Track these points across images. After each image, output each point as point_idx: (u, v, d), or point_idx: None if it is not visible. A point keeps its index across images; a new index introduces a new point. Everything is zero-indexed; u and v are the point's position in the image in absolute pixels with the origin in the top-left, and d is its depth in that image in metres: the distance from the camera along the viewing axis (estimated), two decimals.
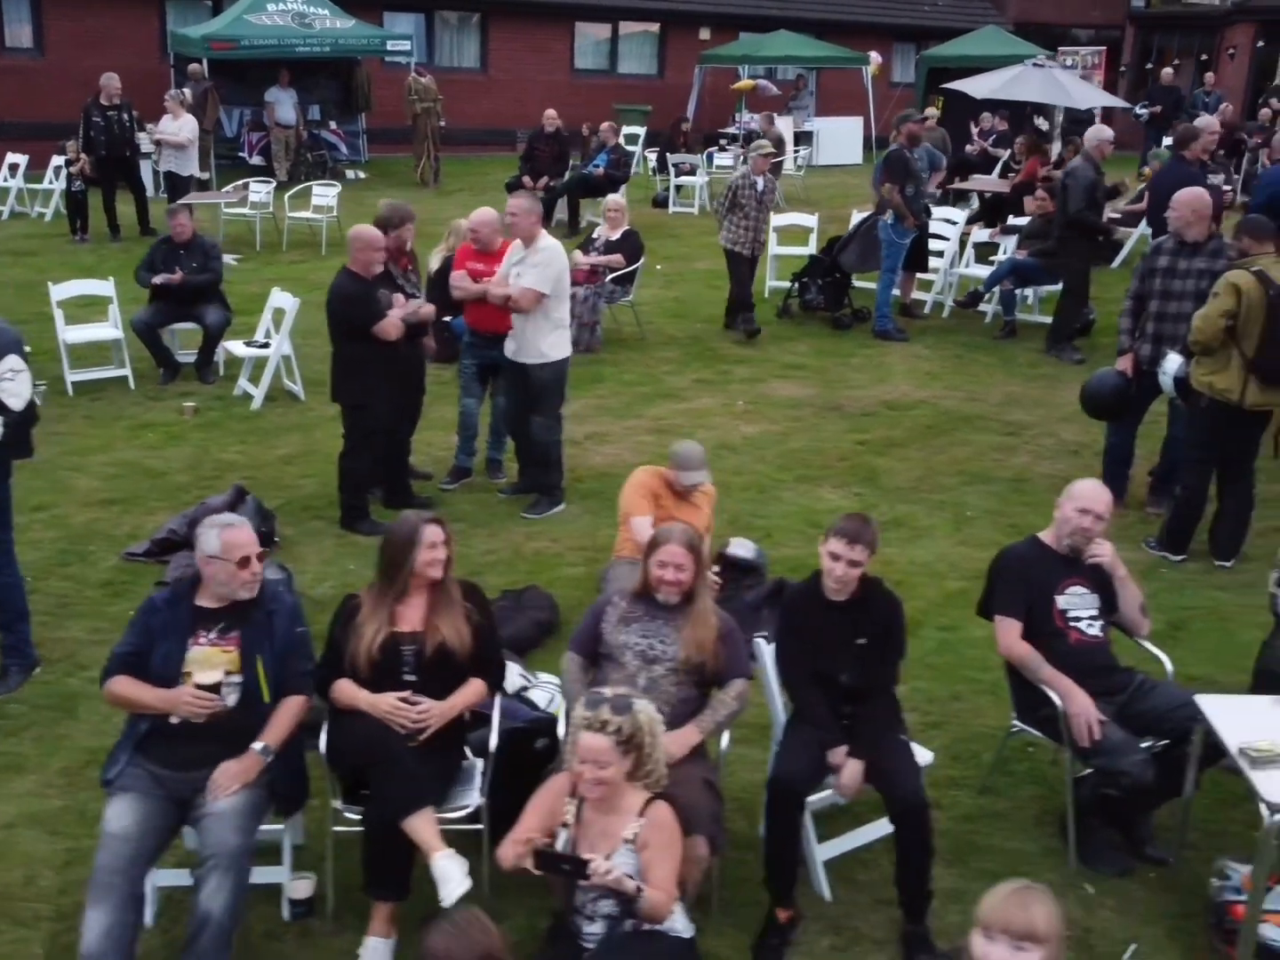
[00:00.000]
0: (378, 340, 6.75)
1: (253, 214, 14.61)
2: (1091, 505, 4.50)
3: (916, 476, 7.97)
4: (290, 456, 8.20)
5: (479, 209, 7.69)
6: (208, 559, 4.01)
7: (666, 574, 4.16)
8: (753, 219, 10.77)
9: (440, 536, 4.16)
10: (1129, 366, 7.23)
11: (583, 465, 8.10)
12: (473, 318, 7.56)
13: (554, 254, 6.98)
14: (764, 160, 10.86)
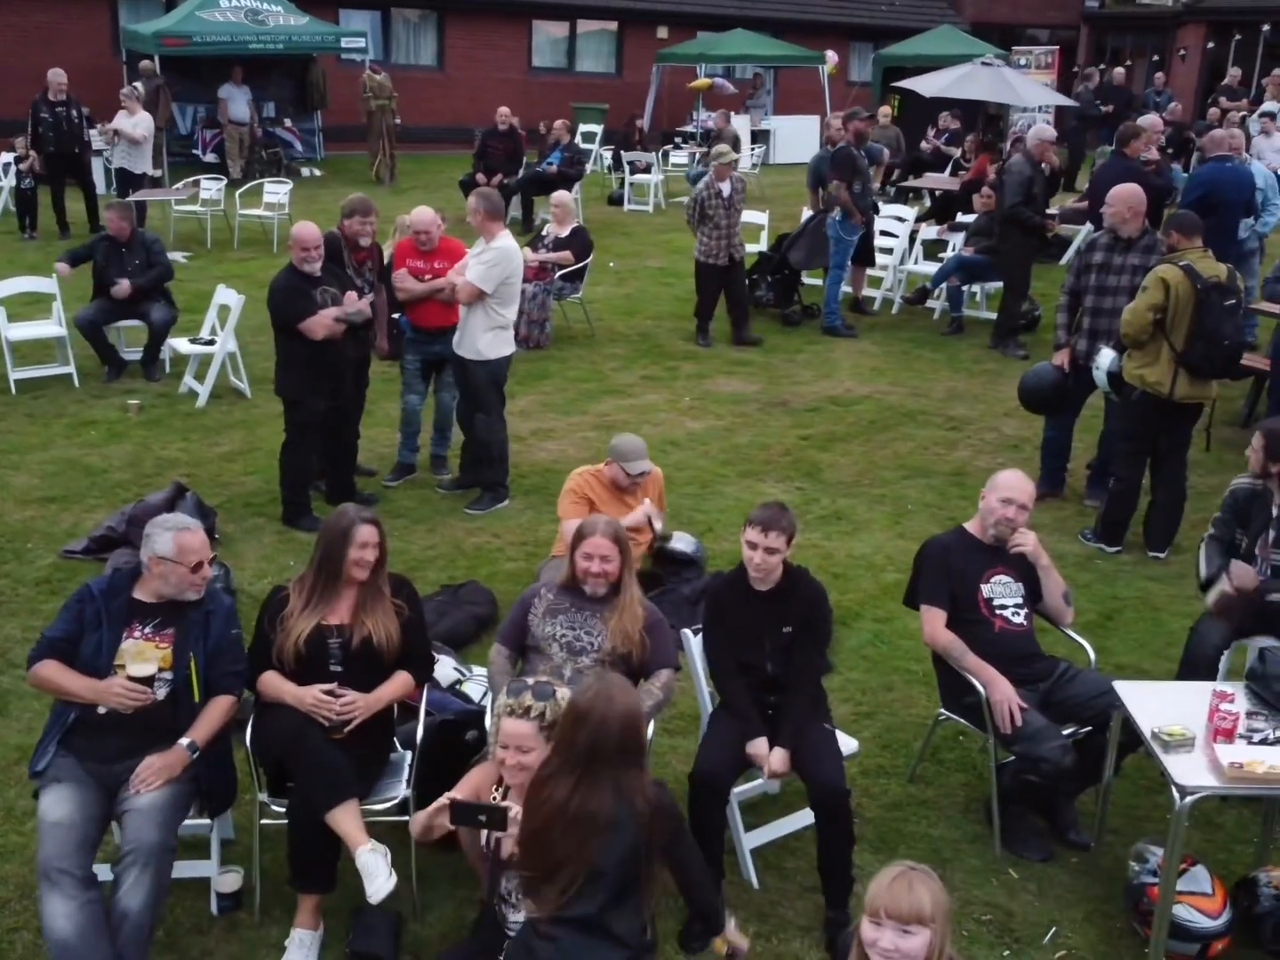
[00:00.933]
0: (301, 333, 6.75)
1: (204, 211, 14.52)
2: (1014, 495, 4.57)
3: (858, 471, 8.03)
4: (233, 453, 8.16)
5: (418, 208, 7.68)
6: (158, 559, 3.97)
7: (592, 565, 4.19)
8: (724, 228, 10.47)
9: (373, 538, 4.15)
10: (1065, 361, 7.32)
11: (526, 461, 8.11)
12: (415, 314, 7.57)
13: (503, 255, 6.99)
14: (726, 168, 10.56)
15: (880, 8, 28.13)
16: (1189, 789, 3.63)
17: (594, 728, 3.27)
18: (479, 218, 7.07)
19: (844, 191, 10.62)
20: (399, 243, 7.85)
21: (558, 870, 3.22)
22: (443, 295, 7.39)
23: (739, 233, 10.67)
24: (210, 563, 4.07)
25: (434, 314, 7.47)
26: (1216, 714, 3.81)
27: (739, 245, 10.66)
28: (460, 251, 7.52)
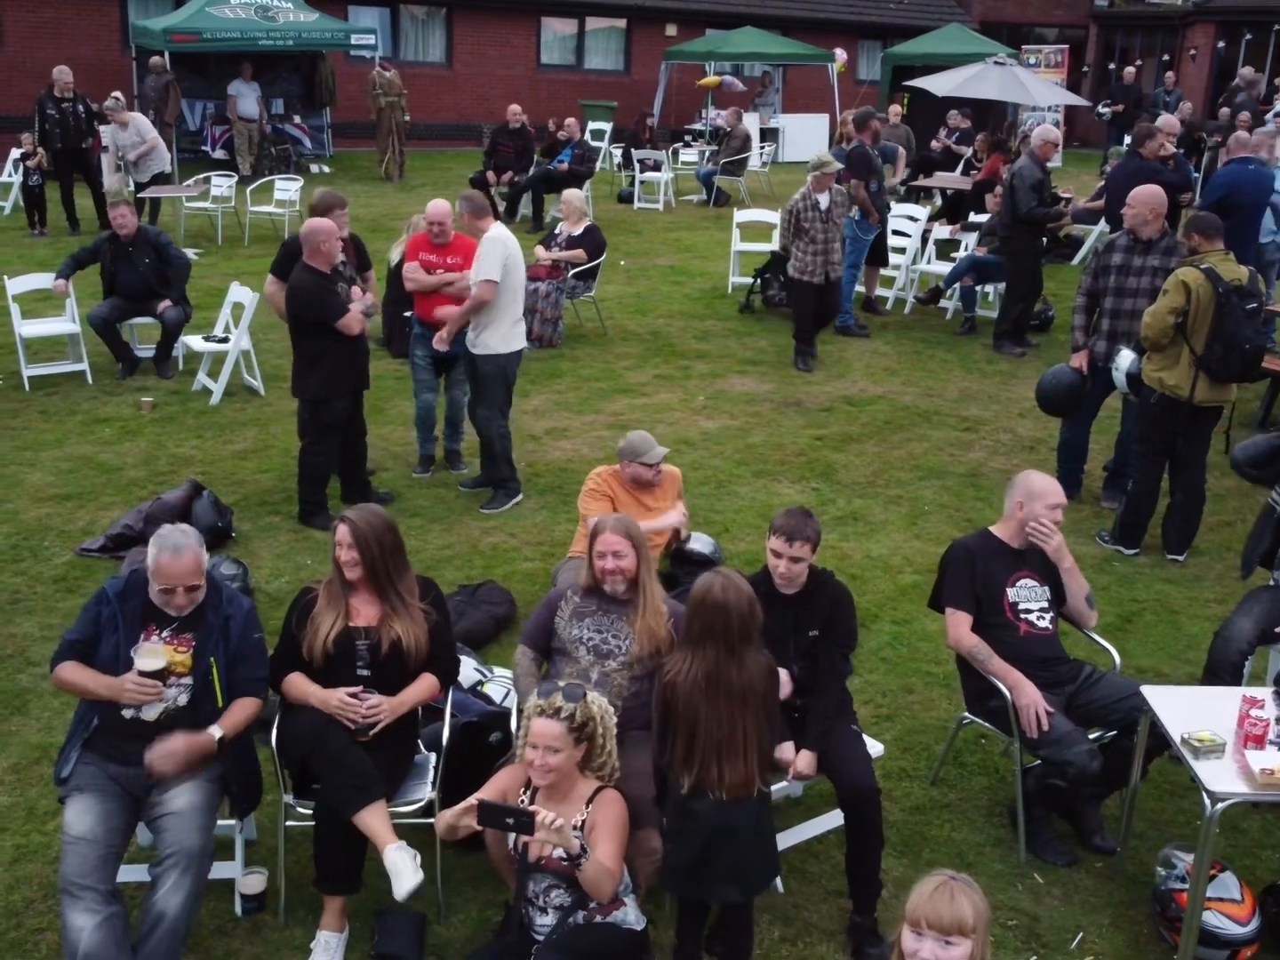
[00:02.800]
0: (337, 333, 6.74)
1: (214, 208, 14.50)
2: (1055, 498, 4.58)
3: (873, 471, 8.01)
4: (247, 451, 8.15)
5: (433, 201, 7.67)
6: (149, 572, 3.97)
7: (607, 563, 4.19)
8: (820, 243, 9.80)
9: (345, 538, 4.09)
10: (1084, 363, 7.30)
11: (541, 460, 8.09)
12: (423, 309, 7.56)
13: (496, 243, 7.00)
14: (825, 179, 9.80)
15: (889, 6, 28.08)
16: (1220, 795, 3.62)
17: (734, 612, 3.63)
18: (466, 219, 7.14)
19: (861, 190, 10.61)
20: (413, 237, 7.83)
21: (709, 742, 3.58)
22: (452, 289, 7.38)
23: (838, 249, 10.06)
24: (194, 591, 3.95)
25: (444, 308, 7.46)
26: (1247, 720, 3.80)
27: (837, 263, 10.06)
28: (472, 248, 7.51)
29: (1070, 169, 21.85)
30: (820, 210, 9.78)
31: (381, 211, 16.70)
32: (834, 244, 9.90)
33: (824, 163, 9.84)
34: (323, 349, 6.77)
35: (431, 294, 7.45)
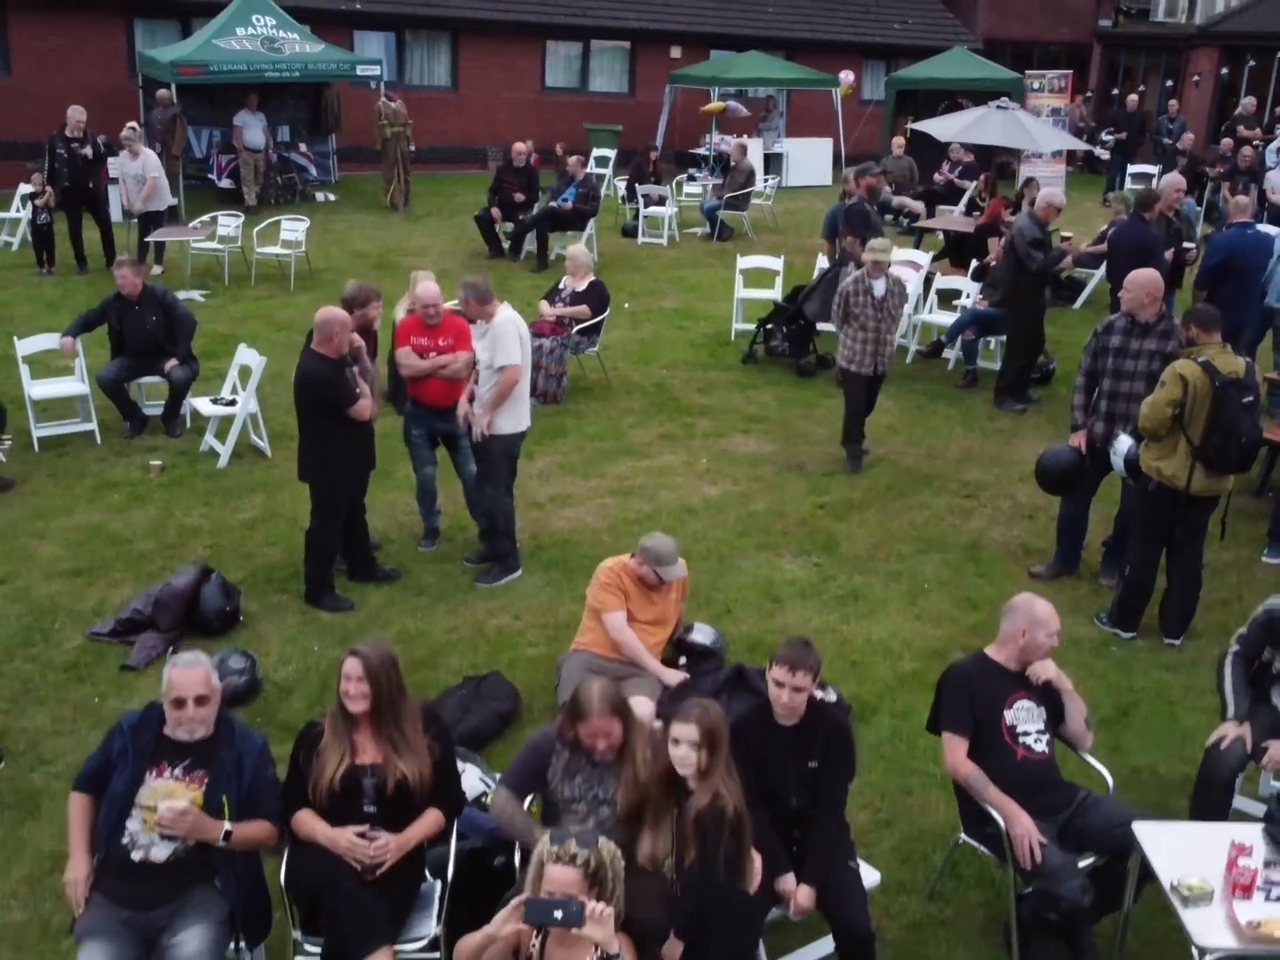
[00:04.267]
0: (346, 417, 6.83)
1: (220, 248, 14.58)
2: (1056, 625, 4.65)
3: (874, 543, 8.09)
4: (254, 521, 8.24)
5: (423, 283, 7.75)
6: (163, 692, 4.09)
7: (597, 744, 4.20)
8: (871, 330, 9.08)
9: (356, 671, 4.17)
10: (1082, 443, 7.37)
11: (545, 530, 8.17)
12: (417, 391, 7.63)
13: (511, 326, 7.09)
14: (882, 266, 9.15)
15: (893, 26, 28.15)
16: (1208, 949, 3.70)
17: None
18: (471, 306, 7.21)
19: (858, 247, 10.67)
20: (403, 321, 7.87)
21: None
22: (446, 372, 7.46)
23: (891, 341, 9.31)
24: (202, 701, 4.06)
25: (437, 391, 7.54)
26: (1234, 867, 3.88)
27: (887, 356, 9.30)
28: (464, 329, 7.59)
29: (1072, 194, 21.89)
30: (874, 297, 9.09)
31: (387, 245, 16.80)
32: (887, 334, 9.19)
33: (879, 249, 9.23)
34: (331, 430, 6.87)
35: (426, 377, 7.52)
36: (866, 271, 9.20)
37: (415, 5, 23.09)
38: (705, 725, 4.05)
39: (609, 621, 5.99)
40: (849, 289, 9.20)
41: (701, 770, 4.06)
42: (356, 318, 7.33)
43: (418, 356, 7.56)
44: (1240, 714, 4.97)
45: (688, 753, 4.05)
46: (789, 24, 26.85)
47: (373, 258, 15.95)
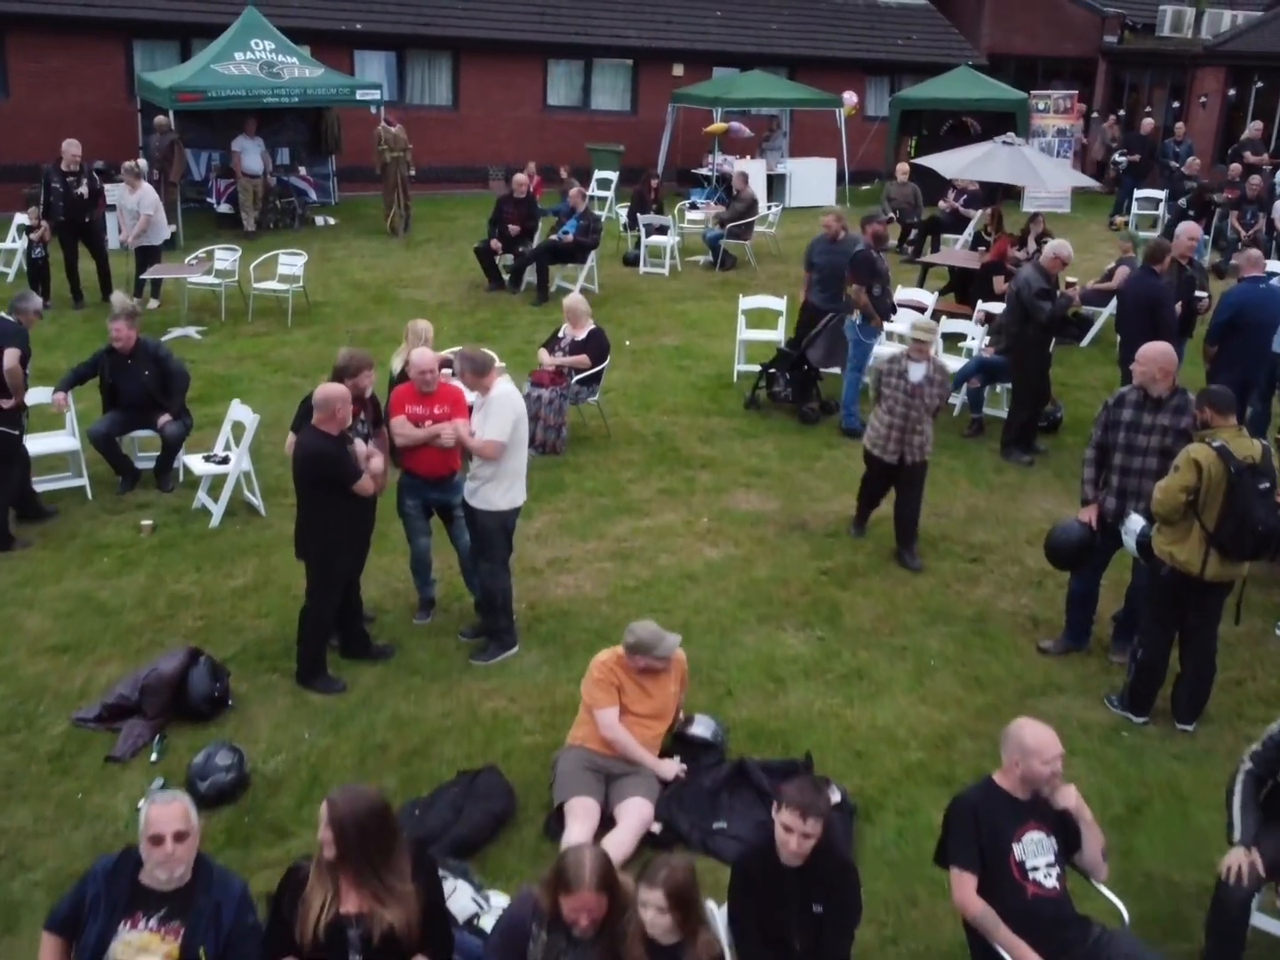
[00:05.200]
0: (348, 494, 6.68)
1: (218, 283, 14.41)
2: (1052, 751, 4.48)
3: (878, 614, 7.91)
4: (246, 588, 8.07)
5: (417, 350, 7.59)
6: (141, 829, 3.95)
7: (580, 919, 3.97)
8: (899, 416, 8.22)
9: (324, 817, 4.01)
10: (1093, 518, 7.21)
11: (542, 600, 8.00)
12: (412, 461, 7.46)
13: (507, 402, 6.93)
14: (923, 347, 8.32)
15: (897, 43, 27.96)
16: None
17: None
18: (467, 379, 7.06)
19: (863, 295, 10.51)
20: (397, 389, 7.68)
21: None
22: (441, 441, 7.30)
23: (925, 432, 8.31)
24: (180, 838, 3.91)
25: (433, 461, 7.39)
26: None
27: (919, 446, 8.32)
28: (460, 398, 7.43)
29: (1079, 216, 21.75)
30: (908, 381, 8.23)
31: (387, 275, 16.64)
32: (917, 424, 8.21)
33: (927, 329, 8.42)
34: (332, 508, 6.71)
35: (420, 446, 7.36)
36: (906, 352, 8.44)
37: (416, 25, 22.93)
38: (671, 888, 3.88)
39: (600, 719, 5.86)
40: (883, 367, 8.46)
41: (679, 927, 3.89)
42: (349, 387, 7.18)
43: (412, 425, 7.39)
44: (1247, 839, 4.80)
45: (656, 917, 3.89)
46: (792, 41, 26.67)
47: (371, 289, 15.80)
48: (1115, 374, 12.74)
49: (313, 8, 22.08)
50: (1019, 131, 23.18)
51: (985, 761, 6.39)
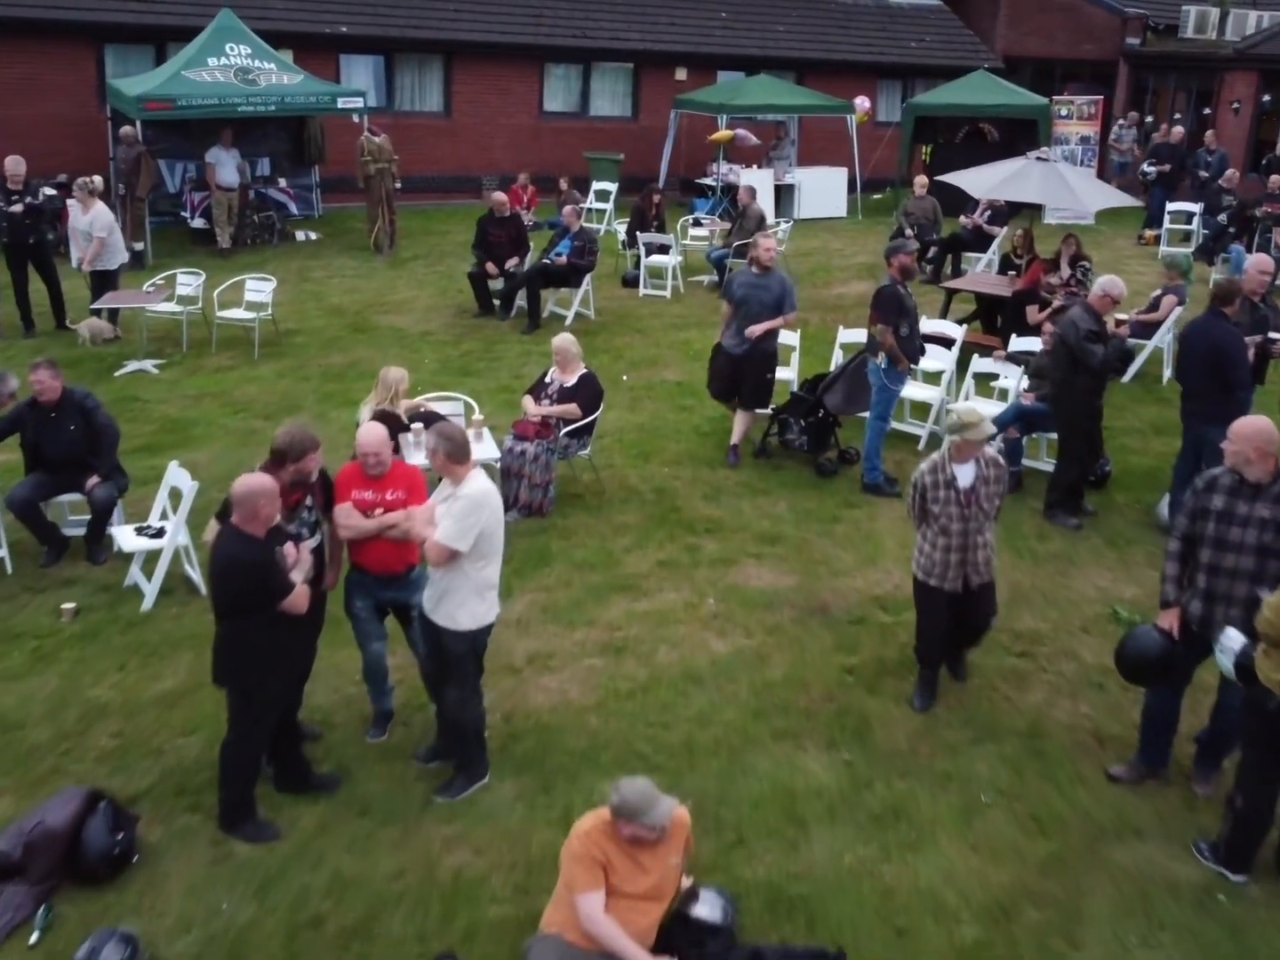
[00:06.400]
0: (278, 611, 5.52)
1: (180, 310, 13.23)
2: None
3: (914, 729, 6.72)
4: (174, 694, 6.89)
5: (367, 426, 6.38)
6: None
7: None
8: (957, 535, 6.60)
9: None
10: (1174, 624, 6.04)
11: (520, 709, 6.82)
12: (361, 555, 6.29)
13: (476, 504, 5.71)
14: (971, 445, 6.59)
15: (909, 45, 26.78)
16: None
17: None
18: (438, 460, 5.84)
19: (889, 336, 9.31)
20: (343, 470, 6.47)
21: None
22: (395, 533, 6.13)
23: (988, 544, 6.75)
24: None
25: (386, 556, 6.22)
26: None
27: (984, 562, 6.76)
28: (418, 480, 6.26)
29: (1104, 228, 20.54)
30: (958, 490, 6.63)
31: (367, 298, 15.48)
32: (978, 536, 6.66)
33: (968, 424, 6.54)
34: (257, 630, 5.53)
35: (371, 539, 6.19)
36: (948, 454, 6.68)
37: (405, 27, 21.78)
38: None
39: (581, 909, 4.69)
40: (924, 480, 6.68)
41: None
42: (290, 472, 6.03)
43: (361, 514, 6.21)
44: None
45: None
46: (800, 44, 25.52)
47: (350, 315, 14.63)
48: (1162, 414, 11.62)
49: (295, 10, 20.96)
50: (1041, 139, 22.08)
51: (1054, 939, 5.25)
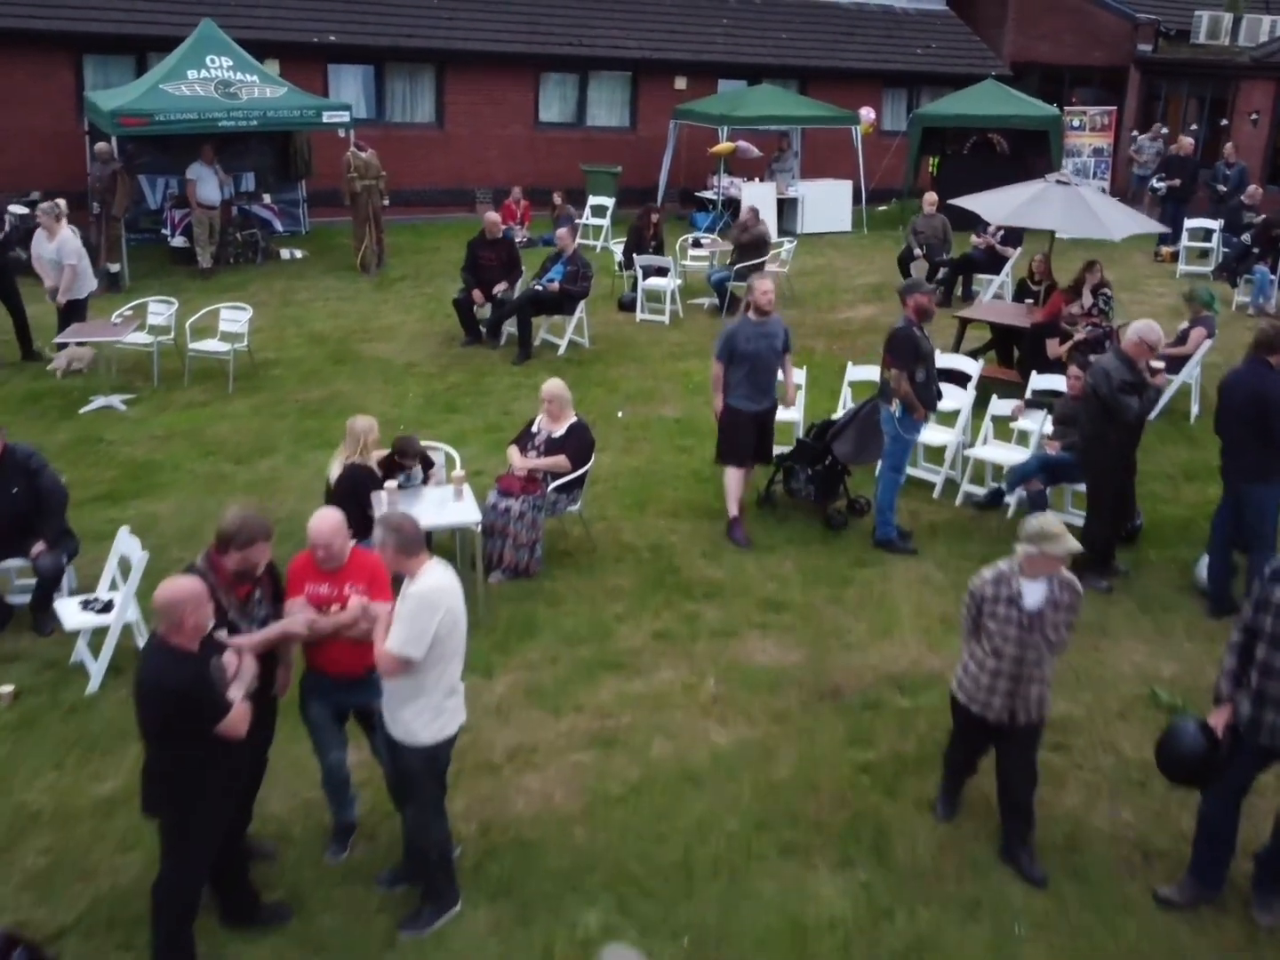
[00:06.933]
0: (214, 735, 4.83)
1: (150, 341, 12.52)
2: None
3: (939, 843, 6.01)
4: (115, 798, 6.18)
5: (319, 513, 5.63)
6: None
7: None
8: (1009, 659, 5.62)
9: None
10: (1223, 724, 5.38)
11: (499, 817, 6.11)
12: (317, 657, 5.60)
13: (429, 604, 5.02)
14: (1045, 561, 5.53)
15: (915, 52, 26.08)
16: None
17: None
18: (388, 555, 5.15)
19: (904, 383, 8.61)
20: (295, 561, 5.76)
21: None
22: (354, 632, 5.44)
23: (1045, 678, 5.73)
24: None
25: (343, 657, 5.52)
26: None
27: (1037, 699, 5.73)
28: (380, 572, 5.53)
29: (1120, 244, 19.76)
30: (1021, 610, 5.59)
31: (351, 324, 14.78)
32: (1033, 669, 5.64)
33: (1050, 535, 5.47)
34: (190, 755, 4.84)
35: (327, 639, 5.49)
36: (1019, 565, 5.64)
37: (396, 36, 21.07)
38: None
39: None
40: (984, 591, 5.70)
41: None
42: (236, 560, 5.34)
43: (314, 610, 5.52)
44: None
45: None
46: (803, 51, 24.82)
47: (331, 344, 13.93)
48: (1193, 457, 10.94)
49: (282, 18, 20.27)
50: (1052, 151, 21.39)
51: None
